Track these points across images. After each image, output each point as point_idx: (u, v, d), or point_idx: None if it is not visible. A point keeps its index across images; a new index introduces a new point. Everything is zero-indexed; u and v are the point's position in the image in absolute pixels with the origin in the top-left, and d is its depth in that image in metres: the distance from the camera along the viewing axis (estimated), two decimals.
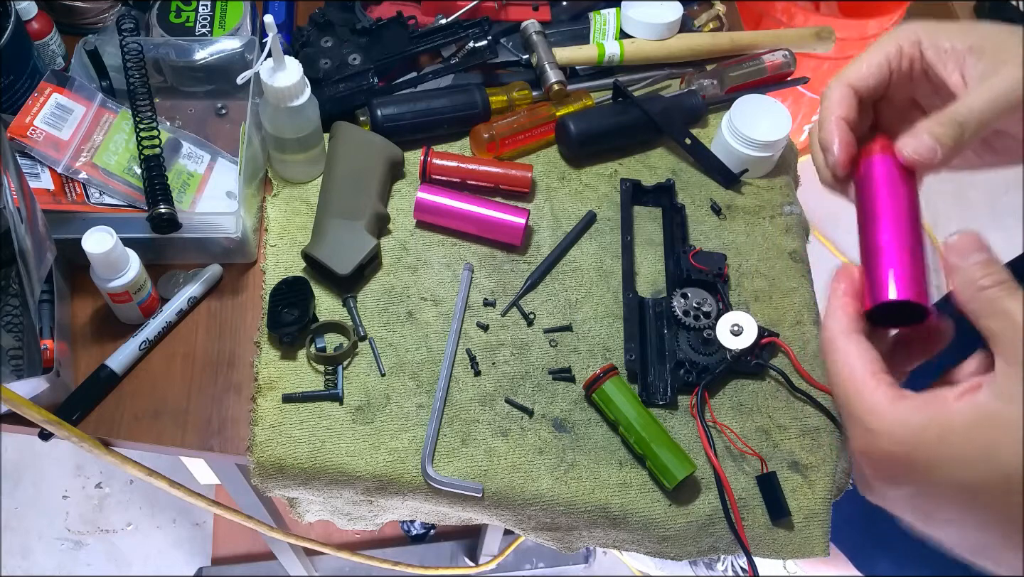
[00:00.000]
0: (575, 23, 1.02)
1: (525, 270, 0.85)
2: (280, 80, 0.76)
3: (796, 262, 0.88)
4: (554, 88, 0.92)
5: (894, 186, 0.50)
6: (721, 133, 0.91)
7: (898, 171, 0.50)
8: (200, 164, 0.85)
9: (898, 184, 0.50)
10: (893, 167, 0.50)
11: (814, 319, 0.84)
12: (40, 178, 0.78)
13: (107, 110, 0.83)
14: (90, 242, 0.69)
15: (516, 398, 0.77)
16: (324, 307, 0.81)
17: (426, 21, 0.95)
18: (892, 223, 0.49)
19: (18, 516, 1.65)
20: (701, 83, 0.97)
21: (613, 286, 0.84)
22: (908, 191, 0.50)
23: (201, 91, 0.90)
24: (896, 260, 0.47)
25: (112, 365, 0.75)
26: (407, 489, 0.74)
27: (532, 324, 0.82)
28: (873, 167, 0.51)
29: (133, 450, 0.76)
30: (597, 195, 0.90)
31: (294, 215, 0.86)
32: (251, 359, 0.78)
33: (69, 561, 1.61)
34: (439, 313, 0.81)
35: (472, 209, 0.84)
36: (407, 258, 0.85)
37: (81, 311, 0.79)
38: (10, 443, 1.71)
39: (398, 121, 0.88)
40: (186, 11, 0.92)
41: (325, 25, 0.91)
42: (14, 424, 0.72)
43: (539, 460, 0.75)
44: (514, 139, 0.90)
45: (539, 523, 0.77)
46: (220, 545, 1.58)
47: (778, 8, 1.66)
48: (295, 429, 0.74)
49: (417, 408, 0.76)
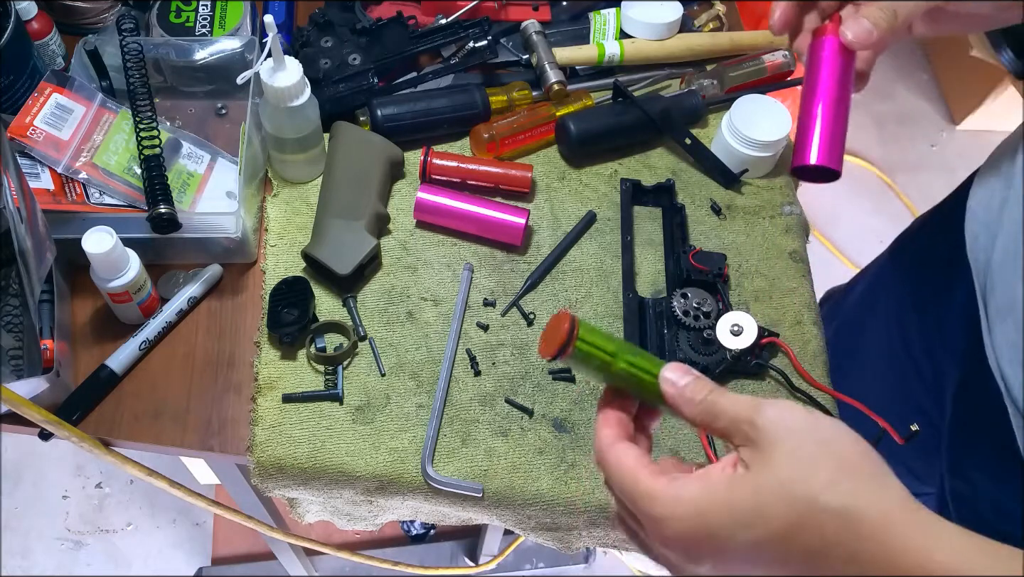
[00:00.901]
0: (575, 23, 1.02)
1: (525, 270, 0.85)
2: (280, 80, 0.76)
3: (796, 262, 0.88)
4: (554, 88, 0.92)
5: (834, 65, 0.61)
6: (721, 133, 0.91)
7: (841, 51, 0.61)
8: (200, 164, 0.85)
9: (838, 63, 0.61)
10: (838, 47, 0.61)
11: (814, 319, 0.84)
12: (40, 178, 0.78)
13: (107, 110, 0.83)
14: (90, 242, 0.69)
15: (516, 398, 0.77)
16: (324, 307, 0.81)
17: (426, 21, 0.95)
18: (825, 97, 0.61)
19: (18, 516, 1.65)
20: (701, 83, 0.97)
21: (613, 286, 0.84)
22: (845, 69, 0.61)
23: (201, 91, 0.90)
24: (822, 131, 0.60)
25: (112, 365, 0.75)
26: (407, 489, 0.74)
27: (532, 324, 0.82)
28: (822, 47, 0.62)
29: (133, 450, 0.76)
30: (597, 195, 0.90)
31: (294, 215, 0.86)
32: (251, 359, 0.78)
33: (69, 561, 1.61)
34: (439, 313, 0.81)
35: (472, 209, 0.84)
36: (407, 258, 0.85)
37: (81, 311, 0.79)
38: (10, 443, 1.71)
39: (398, 121, 0.88)
40: (186, 11, 0.92)
41: (325, 25, 0.91)
42: (14, 424, 0.72)
43: (539, 460, 0.75)
44: (514, 139, 0.90)
45: (539, 523, 0.77)
46: (220, 545, 1.58)
47: None
48: (295, 429, 0.74)
49: (417, 408, 0.76)
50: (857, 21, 0.59)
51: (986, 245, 0.73)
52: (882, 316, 0.98)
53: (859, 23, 0.59)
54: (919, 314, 0.90)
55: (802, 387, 0.79)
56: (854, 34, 0.59)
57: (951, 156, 2.27)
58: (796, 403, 0.48)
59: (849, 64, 0.62)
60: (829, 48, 0.62)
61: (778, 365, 0.79)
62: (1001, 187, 0.73)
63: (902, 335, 0.93)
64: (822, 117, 0.61)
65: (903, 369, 0.93)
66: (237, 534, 1.57)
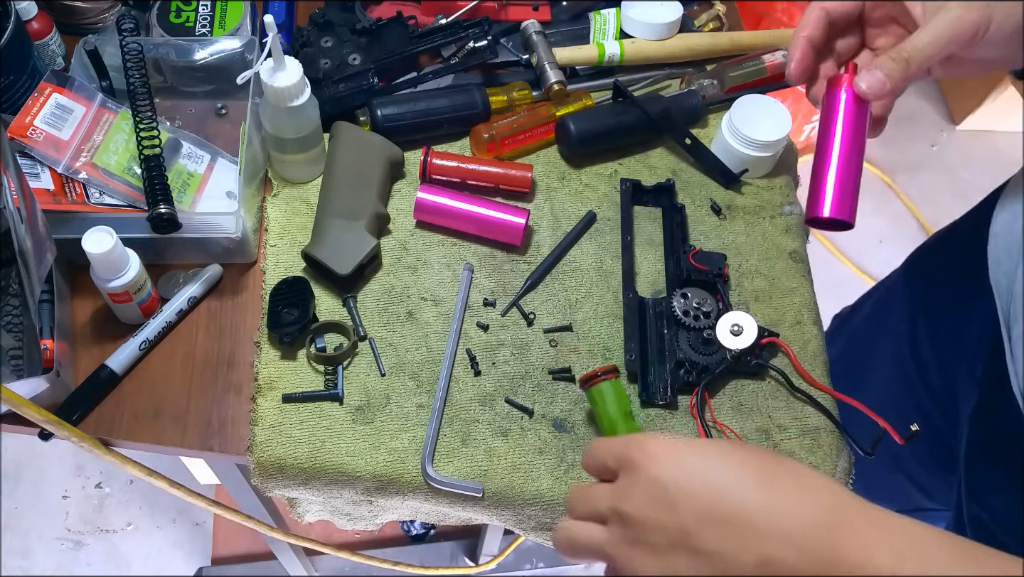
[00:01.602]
0: (575, 23, 1.02)
1: (525, 270, 0.85)
2: (280, 80, 0.76)
3: (796, 262, 0.88)
4: (554, 88, 0.92)
5: (849, 115, 0.62)
6: (721, 133, 0.91)
7: (856, 100, 0.62)
8: (200, 164, 0.85)
9: (853, 112, 0.62)
10: (853, 97, 0.62)
11: (814, 319, 0.84)
12: (40, 178, 0.78)
13: (107, 110, 0.83)
14: (90, 242, 0.69)
15: (516, 398, 0.77)
16: (324, 307, 0.81)
17: (426, 21, 0.95)
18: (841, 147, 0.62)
19: (18, 516, 1.65)
20: (701, 83, 0.97)
21: (613, 286, 0.84)
22: (860, 118, 0.62)
23: (201, 91, 0.90)
24: (836, 182, 0.61)
25: (112, 365, 0.75)
26: (407, 489, 0.74)
27: (532, 324, 0.82)
28: (837, 97, 0.63)
29: (133, 450, 0.76)
30: (597, 195, 0.90)
31: (294, 215, 0.86)
32: (251, 359, 0.78)
33: (69, 561, 1.61)
34: (439, 313, 0.81)
35: (472, 209, 0.84)
36: (407, 258, 0.85)
37: (81, 311, 0.79)
38: (10, 443, 1.71)
39: (398, 121, 0.88)
40: (186, 11, 0.92)
41: (325, 25, 0.91)
42: (14, 424, 0.72)
43: (539, 460, 0.75)
44: (514, 139, 0.90)
45: (539, 523, 0.77)
46: (220, 545, 1.58)
47: (778, 8, 1.66)
48: (295, 429, 0.74)
49: (417, 408, 0.76)
50: (871, 73, 0.60)
51: (1008, 271, 0.72)
52: (892, 335, 0.98)
53: (872, 75, 0.59)
54: (932, 335, 0.89)
55: (802, 387, 0.79)
56: (868, 85, 0.60)
57: (951, 156, 2.27)
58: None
59: (864, 112, 0.62)
60: (843, 98, 0.62)
61: (778, 365, 0.79)
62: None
63: (914, 354, 0.92)
64: (837, 168, 0.61)
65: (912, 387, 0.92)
66: (237, 534, 1.57)
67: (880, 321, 1.02)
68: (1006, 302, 0.72)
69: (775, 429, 0.77)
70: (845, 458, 0.77)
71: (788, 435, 0.77)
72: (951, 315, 0.85)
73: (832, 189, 0.61)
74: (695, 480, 0.43)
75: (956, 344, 0.84)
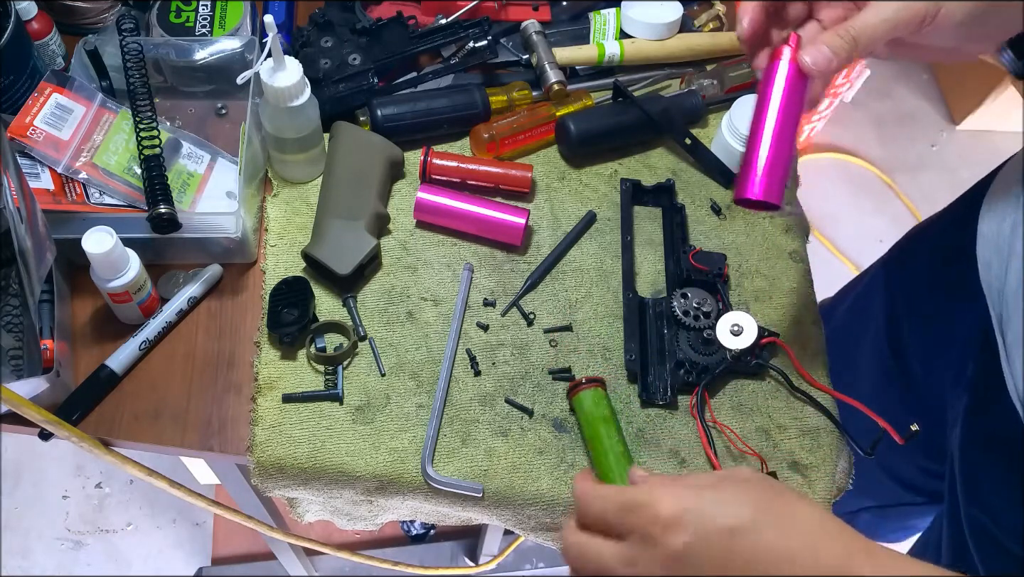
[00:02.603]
0: (575, 23, 1.02)
1: (525, 270, 0.85)
2: (280, 80, 0.76)
3: (796, 262, 0.88)
4: (554, 88, 0.92)
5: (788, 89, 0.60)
6: (721, 133, 0.91)
7: (797, 75, 0.60)
8: (200, 164, 0.85)
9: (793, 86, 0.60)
10: (794, 71, 0.60)
11: (814, 319, 0.84)
12: (40, 178, 0.78)
13: (107, 110, 0.83)
14: (90, 242, 0.69)
15: (516, 398, 0.77)
16: (324, 307, 0.81)
17: (426, 21, 0.95)
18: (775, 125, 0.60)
19: (18, 516, 1.65)
20: (701, 83, 0.97)
21: (613, 286, 0.84)
22: (798, 93, 0.60)
23: (201, 91, 0.90)
24: (766, 163, 0.60)
25: (112, 365, 0.75)
26: (407, 489, 0.74)
27: (532, 324, 0.82)
28: (777, 69, 0.60)
29: (133, 450, 0.76)
30: (597, 195, 0.90)
31: (294, 215, 0.86)
32: (251, 359, 0.78)
33: (69, 561, 1.61)
34: (439, 313, 0.81)
35: (472, 209, 0.84)
36: (407, 258, 0.85)
37: (81, 311, 0.79)
38: (10, 443, 1.71)
39: (398, 121, 0.88)
40: (186, 11, 0.92)
41: (325, 25, 0.91)
42: (14, 424, 0.72)
43: (539, 460, 0.75)
44: (514, 139, 0.90)
45: (539, 523, 0.77)
46: (220, 545, 1.58)
47: None
48: (295, 429, 0.74)
49: (417, 408, 0.76)
50: (817, 48, 0.58)
51: (999, 273, 0.72)
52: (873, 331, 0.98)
53: (819, 50, 0.58)
54: (917, 331, 0.89)
55: (802, 387, 0.79)
56: (813, 60, 0.58)
57: (951, 156, 2.27)
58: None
59: (802, 87, 0.61)
60: (784, 71, 0.60)
61: (778, 365, 0.79)
62: (1012, 210, 0.72)
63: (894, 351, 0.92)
64: (769, 148, 0.60)
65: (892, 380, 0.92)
66: (237, 534, 1.57)
67: (862, 315, 1.02)
68: (998, 303, 0.72)
69: (775, 429, 0.78)
70: (845, 458, 0.77)
71: (788, 435, 0.77)
72: (936, 316, 0.85)
73: (763, 169, 0.60)
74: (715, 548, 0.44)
75: (940, 342, 0.84)
